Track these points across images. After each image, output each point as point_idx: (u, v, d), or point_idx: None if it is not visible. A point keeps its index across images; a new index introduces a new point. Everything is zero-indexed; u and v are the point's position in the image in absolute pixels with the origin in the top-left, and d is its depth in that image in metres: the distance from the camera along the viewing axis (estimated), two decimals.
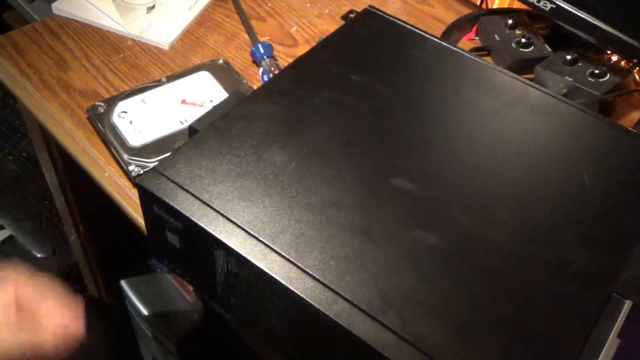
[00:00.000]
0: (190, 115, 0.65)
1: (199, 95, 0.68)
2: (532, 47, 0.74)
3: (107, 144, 0.64)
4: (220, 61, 0.72)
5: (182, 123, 0.65)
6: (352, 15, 0.79)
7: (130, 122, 0.64)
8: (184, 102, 0.67)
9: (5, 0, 1.30)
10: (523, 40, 0.73)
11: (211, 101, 0.67)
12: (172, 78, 0.69)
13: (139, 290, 0.93)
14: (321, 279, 0.40)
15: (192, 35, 0.78)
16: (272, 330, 0.45)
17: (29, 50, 0.74)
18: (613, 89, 0.68)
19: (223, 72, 0.71)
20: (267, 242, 0.42)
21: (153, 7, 0.81)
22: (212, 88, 0.69)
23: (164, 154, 0.61)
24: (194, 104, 0.66)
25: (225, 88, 0.69)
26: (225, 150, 0.47)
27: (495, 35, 0.75)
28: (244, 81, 0.70)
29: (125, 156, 0.62)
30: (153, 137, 0.63)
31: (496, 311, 0.40)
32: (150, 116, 0.65)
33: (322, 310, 0.39)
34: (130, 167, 0.61)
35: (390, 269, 0.41)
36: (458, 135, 0.52)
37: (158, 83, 0.69)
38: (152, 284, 0.95)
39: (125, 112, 0.66)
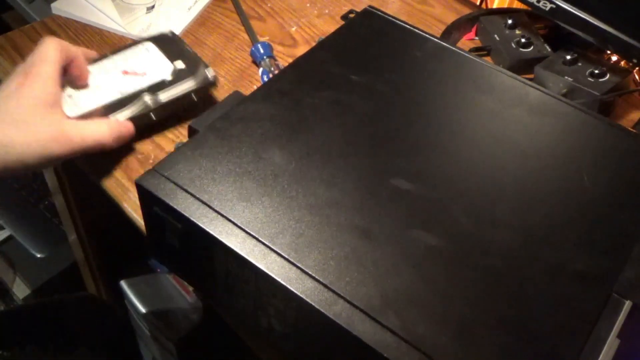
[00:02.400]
0: (131, 85, 0.64)
1: (141, 65, 0.66)
2: (531, 47, 0.74)
3: None
4: (166, 31, 0.70)
5: (122, 93, 0.63)
6: (351, 16, 0.79)
7: (70, 96, 0.62)
8: (125, 72, 0.65)
9: (5, 1, 1.30)
10: (523, 40, 0.73)
11: (153, 70, 0.65)
12: (116, 51, 0.68)
13: (138, 290, 0.93)
14: (321, 280, 0.40)
15: (191, 35, 0.78)
16: (272, 330, 0.45)
17: (28, 51, 0.73)
18: (613, 89, 0.68)
19: (168, 42, 0.68)
20: (267, 243, 0.42)
21: (153, 7, 0.81)
22: (156, 58, 0.67)
23: None
24: (136, 73, 0.65)
25: (170, 57, 0.67)
26: (225, 150, 0.47)
27: (495, 35, 0.75)
28: (189, 49, 0.68)
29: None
30: (88, 108, 0.61)
31: (496, 311, 0.40)
32: (89, 88, 0.64)
33: (322, 310, 0.39)
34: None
35: (390, 270, 0.41)
36: (457, 135, 0.52)
37: (103, 56, 0.67)
38: (151, 284, 0.95)
39: (65, 86, 0.63)
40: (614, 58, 0.73)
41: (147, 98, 0.62)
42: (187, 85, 0.65)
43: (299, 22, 0.80)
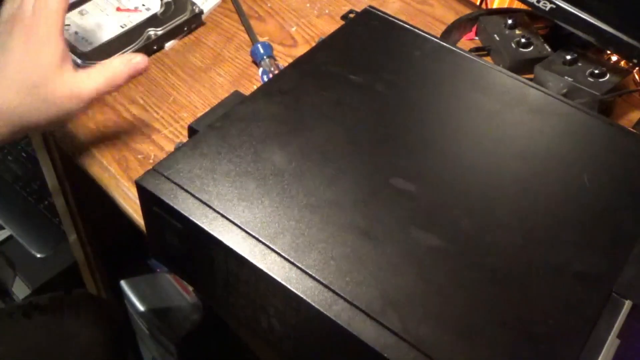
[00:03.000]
0: (128, 20, 0.73)
1: (132, 1, 0.75)
2: (531, 47, 0.74)
3: None
4: None
5: (122, 27, 0.72)
6: (351, 16, 0.79)
7: (76, 32, 0.71)
8: (119, 9, 0.73)
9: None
10: (523, 40, 0.73)
11: (143, 5, 0.74)
12: None
13: (138, 290, 0.93)
14: (321, 279, 0.40)
15: (191, 35, 0.78)
16: (272, 330, 0.45)
17: None
18: (613, 89, 0.68)
19: None
20: (267, 242, 0.42)
21: None
22: None
23: (113, 55, 0.68)
24: (129, 9, 0.73)
25: None
26: (225, 150, 0.47)
27: (495, 35, 0.75)
28: None
29: (79, 61, 0.68)
30: (99, 42, 0.70)
31: (496, 312, 0.40)
32: (91, 26, 0.72)
33: (322, 310, 0.39)
34: None
35: (391, 270, 0.41)
36: (457, 135, 0.52)
37: None
38: (151, 284, 0.95)
39: (68, 24, 0.71)
40: (614, 58, 0.73)
41: (152, 32, 0.72)
42: (179, 18, 0.75)
43: (299, 22, 0.80)
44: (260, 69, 0.72)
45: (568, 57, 0.70)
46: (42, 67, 0.53)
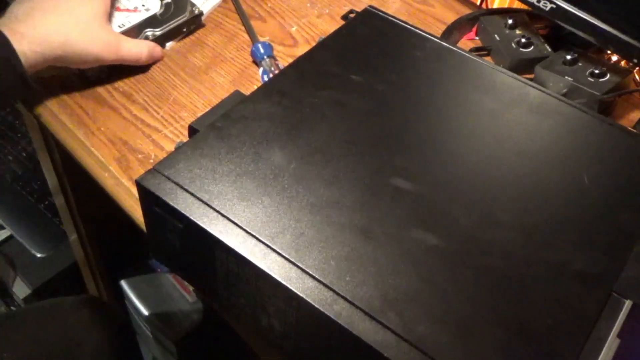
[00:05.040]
0: (127, 20, 0.73)
1: (132, 1, 0.74)
2: (532, 47, 0.74)
3: None
4: None
5: (121, 27, 0.71)
6: (352, 15, 0.79)
7: None
8: (118, 9, 0.73)
9: (6, 1, 1.30)
10: (523, 40, 0.73)
11: (143, 5, 0.74)
12: None
13: (139, 290, 0.93)
14: (321, 279, 0.40)
15: (191, 35, 0.78)
16: (272, 330, 0.45)
17: None
18: (613, 89, 0.68)
19: None
20: (267, 242, 0.42)
21: None
22: None
23: None
24: (128, 9, 0.73)
25: None
26: (225, 150, 0.47)
27: (495, 35, 0.75)
28: None
29: None
30: None
31: (496, 311, 0.40)
32: None
33: (322, 310, 0.39)
34: (88, 72, 0.70)
35: (391, 269, 0.41)
36: (458, 135, 0.52)
37: None
38: (152, 283, 0.95)
39: None
40: (614, 58, 0.73)
41: (150, 33, 0.73)
42: (178, 19, 0.75)
43: (300, 22, 0.80)
44: (261, 69, 0.72)
45: (568, 57, 0.70)
46: (93, 15, 0.66)
